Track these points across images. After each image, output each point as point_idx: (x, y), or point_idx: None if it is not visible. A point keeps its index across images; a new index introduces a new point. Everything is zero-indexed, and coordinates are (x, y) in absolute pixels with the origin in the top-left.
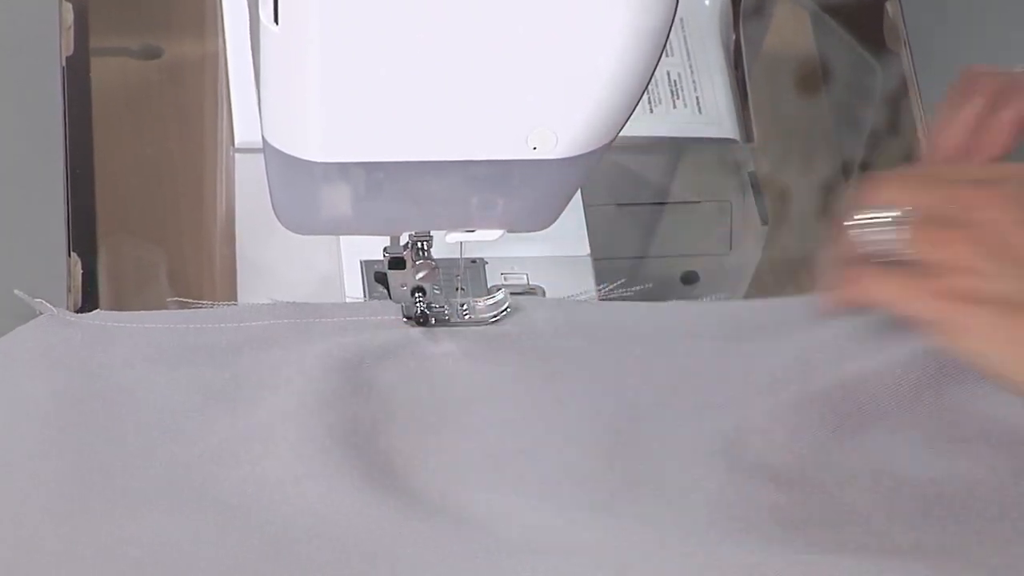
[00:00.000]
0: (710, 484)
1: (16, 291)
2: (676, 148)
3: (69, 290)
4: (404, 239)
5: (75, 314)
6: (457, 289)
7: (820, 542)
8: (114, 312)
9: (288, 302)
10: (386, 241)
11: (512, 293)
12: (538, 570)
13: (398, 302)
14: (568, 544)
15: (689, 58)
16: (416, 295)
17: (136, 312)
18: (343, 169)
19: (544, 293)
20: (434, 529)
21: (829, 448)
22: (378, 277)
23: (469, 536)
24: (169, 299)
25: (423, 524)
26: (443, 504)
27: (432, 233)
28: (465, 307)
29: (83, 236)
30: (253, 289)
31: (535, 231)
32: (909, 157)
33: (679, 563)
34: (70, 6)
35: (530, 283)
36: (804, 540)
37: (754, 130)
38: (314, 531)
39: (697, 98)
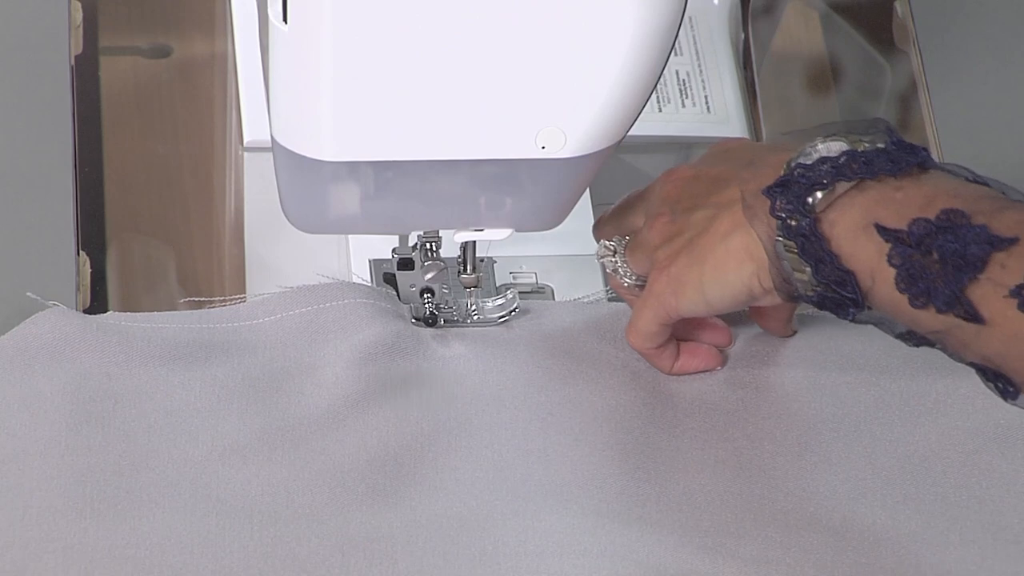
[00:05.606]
0: (716, 487)
1: (29, 293)
2: (685, 147)
3: (78, 289)
4: (412, 240)
5: (90, 315)
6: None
7: (822, 544)
8: (128, 313)
9: (297, 287)
10: (395, 241)
11: (521, 292)
12: (536, 572)
13: (407, 303)
14: (568, 546)
15: (698, 57)
16: (425, 296)
17: (151, 313)
18: (352, 168)
19: (553, 292)
20: (435, 530)
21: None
22: (387, 278)
23: (470, 537)
24: (181, 300)
25: (425, 525)
26: (448, 505)
27: (440, 234)
28: (474, 308)
29: (92, 235)
30: (262, 288)
31: (544, 230)
32: None
33: (677, 567)
34: (79, 5)
35: (539, 282)
36: (805, 542)
37: (763, 129)
38: (314, 532)
39: (706, 97)
